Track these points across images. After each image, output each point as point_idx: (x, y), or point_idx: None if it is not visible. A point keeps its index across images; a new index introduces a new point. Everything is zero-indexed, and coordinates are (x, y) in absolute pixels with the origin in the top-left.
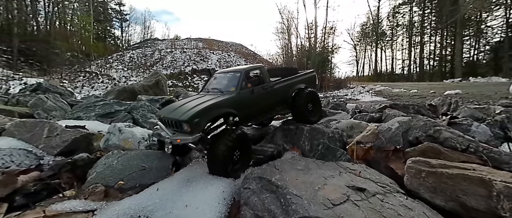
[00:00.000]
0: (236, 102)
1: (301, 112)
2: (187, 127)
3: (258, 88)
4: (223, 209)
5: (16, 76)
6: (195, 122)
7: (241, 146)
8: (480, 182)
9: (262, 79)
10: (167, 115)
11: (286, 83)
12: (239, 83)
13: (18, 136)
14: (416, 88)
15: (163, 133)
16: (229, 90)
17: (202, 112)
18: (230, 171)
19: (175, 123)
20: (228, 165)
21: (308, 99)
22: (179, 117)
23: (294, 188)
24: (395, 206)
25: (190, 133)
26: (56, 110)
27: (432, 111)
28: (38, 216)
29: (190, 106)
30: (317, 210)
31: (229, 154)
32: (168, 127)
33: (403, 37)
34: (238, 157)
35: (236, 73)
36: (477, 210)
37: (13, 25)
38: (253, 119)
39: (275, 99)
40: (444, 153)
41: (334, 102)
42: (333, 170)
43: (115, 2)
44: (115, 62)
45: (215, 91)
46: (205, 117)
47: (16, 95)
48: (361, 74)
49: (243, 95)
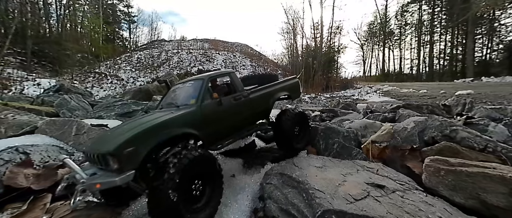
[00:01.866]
0: (196, 118)
1: (285, 136)
2: (113, 162)
3: (228, 99)
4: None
5: (29, 77)
6: (126, 153)
7: (203, 174)
8: (500, 179)
9: (233, 87)
10: (92, 147)
11: (264, 92)
12: (201, 93)
13: (49, 134)
14: (426, 88)
15: (77, 175)
16: (188, 103)
17: (139, 136)
18: (187, 215)
19: (97, 157)
20: (181, 207)
21: (295, 122)
22: (103, 149)
23: (315, 184)
24: (415, 202)
25: (118, 170)
26: (79, 110)
27: (447, 111)
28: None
29: (124, 130)
30: (340, 204)
31: (182, 190)
32: (93, 164)
33: (412, 36)
34: (199, 191)
35: (197, 82)
36: (498, 207)
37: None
38: (223, 139)
39: (251, 111)
40: (462, 152)
41: (344, 102)
42: (350, 167)
43: (123, 4)
44: (123, 63)
45: (170, 106)
46: (144, 143)
47: (41, 96)
48: (368, 74)
49: (206, 108)
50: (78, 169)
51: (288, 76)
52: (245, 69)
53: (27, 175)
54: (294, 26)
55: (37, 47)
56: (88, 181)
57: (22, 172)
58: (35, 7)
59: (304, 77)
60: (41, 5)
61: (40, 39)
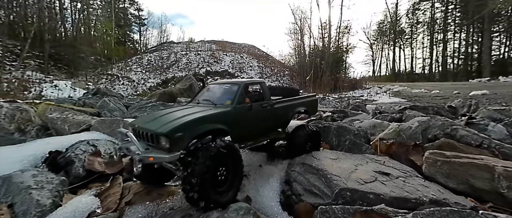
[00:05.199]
0: (229, 117)
1: (297, 150)
2: (165, 142)
3: (257, 106)
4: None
5: (47, 79)
6: (177, 136)
7: (228, 162)
8: (485, 167)
9: (262, 95)
10: (142, 125)
11: (287, 104)
12: (236, 97)
13: (101, 131)
14: (438, 88)
15: (133, 147)
16: (224, 103)
17: (187, 124)
18: (214, 195)
19: (150, 135)
20: (208, 184)
21: (308, 139)
22: (157, 129)
23: (332, 171)
24: (414, 185)
25: (168, 150)
26: (117, 110)
27: (452, 112)
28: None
29: (173, 117)
30: (353, 184)
31: (213, 167)
32: (141, 140)
33: (424, 35)
34: (223, 176)
35: (234, 86)
36: (483, 190)
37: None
38: (247, 141)
39: (273, 120)
40: (459, 147)
41: (354, 103)
42: (361, 160)
43: (134, 7)
44: (134, 65)
45: (207, 103)
46: (190, 131)
47: (81, 98)
48: (377, 74)
49: (239, 110)
50: (138, 143)
51: (295, 77)
52: (252, 70)
53: (99, 163)
54: (302, 26)
55: (54, 50)
56: (143, 154)
57: (96, 160)
58: (52, 12)
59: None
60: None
61: (56, 43)
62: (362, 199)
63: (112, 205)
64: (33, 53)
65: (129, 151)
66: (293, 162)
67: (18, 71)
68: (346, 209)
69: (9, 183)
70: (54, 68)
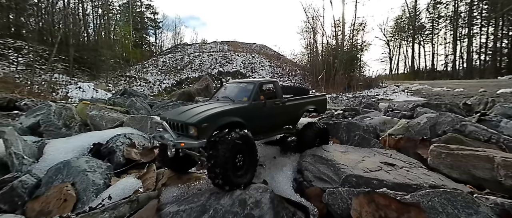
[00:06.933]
0: (247, 112)
1: (306, 146)
2: (194, 131)
3: (270, 103)
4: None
5: (72, 81)
6: (204, 126)
7: (244, 149)
8: (486, 158)
9: (275, 94)
10: (173, 117)
11: (297, 102)
12: (252, 94)
13: (132, 126)
14: (462, 86)
15: (167, 135)
16: (241, 100)
17: (212, 116)
18: (235, 178)
19: (181, 126)
20: (230, 171)
21: (317, 135)
22: (187, 120)
23: (340, 161)
24: (417, 174)
25: (196, 138)
26: (142, 109)
27: (467, 110)
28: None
29: (199, 110)
30: (359, 172)
31: (231, 156)
32: (172, 129)
33: (446, 29)
34: (241, 162)
35: (250, 84)
36: (484, 179)
37: (70, 37)
38: (261, 133)
39: (285, 116)
40: (466, 142)
41: (366, 101)
42: (369, 152)
43: (150, 11)
44: (151, 66)
45: (226, 100)
46: (214, 122)
47: (111, 98)
48: (395, 73)
49: (255, 106)
50: (171, 131)
51: (307, 76)
52: (264, 70)
53: (135, 152)
54: (314, 24)
55: (77, 54)
56: (175, 140)
57: (132, 150)
58: (76, 18)
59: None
60: (81, 16)
61: (80, 47)
62: (366, 184)
63: (150, 186)
64: (60, 57)
65: (162, 138)
66: (305, 154)
67: (47, 74)
68: (350, 191)
69: (69, 167)
70: (78, 71)
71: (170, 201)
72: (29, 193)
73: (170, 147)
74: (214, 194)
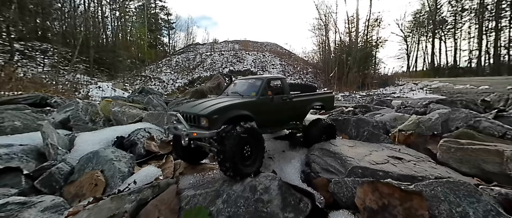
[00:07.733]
0: (255, 106)
1: (312, 142)
2: (205, 122)
3: (278, 98)
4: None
5: (92, 81)
6: (214, 118)
7: (250, 141)
8: (496, 152)
9: (282, 89)
10: (186, 110)
11: (304, 99)
12: (260, 89)
13: (151, 122)
14: (488, 83)
15: (180, 125)
16: (250, 94)
17: (222, 109)
18: (244, 168)
19: (193, 117)
20: (239, 163)
21: (323, 131)
22: (199, 112)
23: (347, 154)
24: (424, 167)
25: (207, 128)
26: (159, 106)
27: (485, 106)
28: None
29: (210, 104)
30: (365, 164)
31: (238, 149)
32: (186, 121)
33: (471, 23)
34: (249, 152)
35: (258, 80)
36: (493, 173)
37: (90, 39)
38: (268, 127)
39: (291, 112)
40: (478, 137)
41: (378, 99)
42: (377, 147)
43: (164, 12)
44: (164, 66)
45: (235, 95)
46: (224, 114)
47: (130, 96)
48: (413, 70)
49: (262, 101)
50: (185, 122)
51: (319, 74)
52: (275, 69)
53: (154, 145)
54: (326, 21)
55: (97, 55)
56: (188, 130)
57: (152, 143)
58: (95, 21)
59: (337, 74)
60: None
61: (99, 48)
62: (372, 175)
63: (169, 174)
64: (81, 58)
65: (176, 129)
66: (313, 148)
67: (70, 75)
68: (355, 181)
69: (97, 156)
70: (98, 71)
71: (187, 187)
72: (65, 179)
73: (183, 136)
74: (227, 181)
